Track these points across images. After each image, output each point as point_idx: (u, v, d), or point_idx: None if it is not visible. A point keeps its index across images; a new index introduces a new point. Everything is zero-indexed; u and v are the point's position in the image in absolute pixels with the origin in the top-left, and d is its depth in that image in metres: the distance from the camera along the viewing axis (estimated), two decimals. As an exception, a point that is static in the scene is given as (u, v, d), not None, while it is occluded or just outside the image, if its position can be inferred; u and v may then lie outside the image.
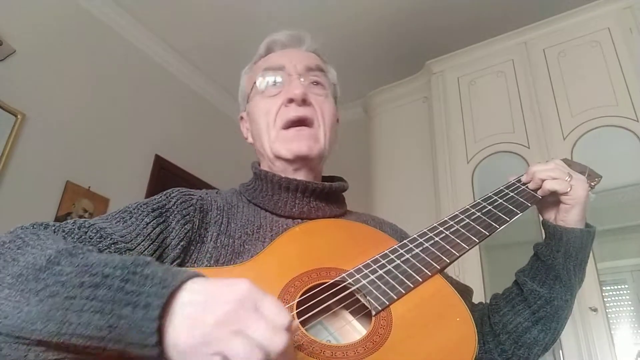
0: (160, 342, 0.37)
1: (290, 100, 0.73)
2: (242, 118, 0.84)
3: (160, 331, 0.37)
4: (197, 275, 0.41)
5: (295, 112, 0.73)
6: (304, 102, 0.73)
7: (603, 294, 1.84)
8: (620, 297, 2.20)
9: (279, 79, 0.76)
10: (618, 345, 1.78)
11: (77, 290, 0.40)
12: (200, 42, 2.85)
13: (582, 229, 0.72)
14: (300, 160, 0.74)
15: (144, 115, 2.70)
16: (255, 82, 0.79)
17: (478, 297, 0.82)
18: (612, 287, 2.19)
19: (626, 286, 2.23)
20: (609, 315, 1.83)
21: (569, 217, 0.72)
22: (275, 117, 0.74)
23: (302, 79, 0.75)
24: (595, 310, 1.79)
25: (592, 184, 0.80)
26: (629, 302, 2.19)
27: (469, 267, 2.03)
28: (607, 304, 1.92)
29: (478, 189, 2.21)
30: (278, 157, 0.74)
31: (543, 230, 0.76)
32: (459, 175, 2.28)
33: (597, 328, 1.77)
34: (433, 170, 2.44)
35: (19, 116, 2.06)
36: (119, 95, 2.58)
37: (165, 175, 2.73)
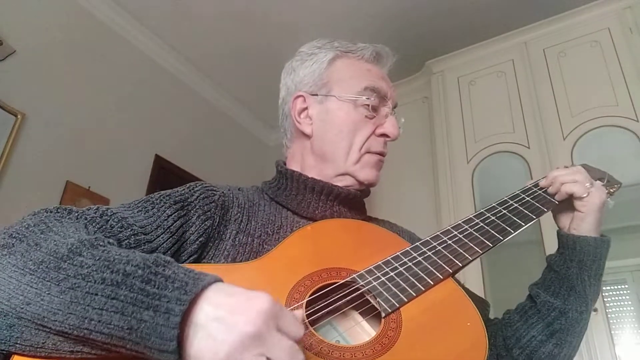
0: (179, 347, 0.38)
1: (384, 135, 0.77)
2: (302, 97, 0.77)
3: (179, 337, 0.38)
4: (217, 280, 0.42)
5: (384, 147, 0.78)
6: None
7: (603, 294, 1.84)
8: (620, 297, 2.20)
9: (381, 106, 0.78)
10: (618, 346, 1.78)
11: (98, 286, 0.41)
12: (199, 42, 2.85)
13: (597, 238, 0.70)
14: (365, 185, 0.76)
15: (143, 115, 2.70)
16: (347, 80, 0.77)
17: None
18: (612, 287, 2.19)
19: (626, 286, 2.23)
20: (609, 316, 1.83)
21: (583, 224, 0.71)
22: (365, 141, 0.75)
23: (394, 117, 0.79)
24: (595, 310, 1.78)
25: (612, 190, 0.78)
26: (629, 302, 2.18)
27: (468, 267, 2.02)
28: (608, 304, 1.91)
29: (478, 189, 2.21)
30: (351, 176, 0.75)
31: (557, 240, 0.74)
32: (459, 175, 2.27)
33: (598, 328, 1.77)
34: (433, 170, 2.44)
35: (19, 116, 2.06)
36: (119, 95, 2.58)
37: (165, 175, 2.72)
